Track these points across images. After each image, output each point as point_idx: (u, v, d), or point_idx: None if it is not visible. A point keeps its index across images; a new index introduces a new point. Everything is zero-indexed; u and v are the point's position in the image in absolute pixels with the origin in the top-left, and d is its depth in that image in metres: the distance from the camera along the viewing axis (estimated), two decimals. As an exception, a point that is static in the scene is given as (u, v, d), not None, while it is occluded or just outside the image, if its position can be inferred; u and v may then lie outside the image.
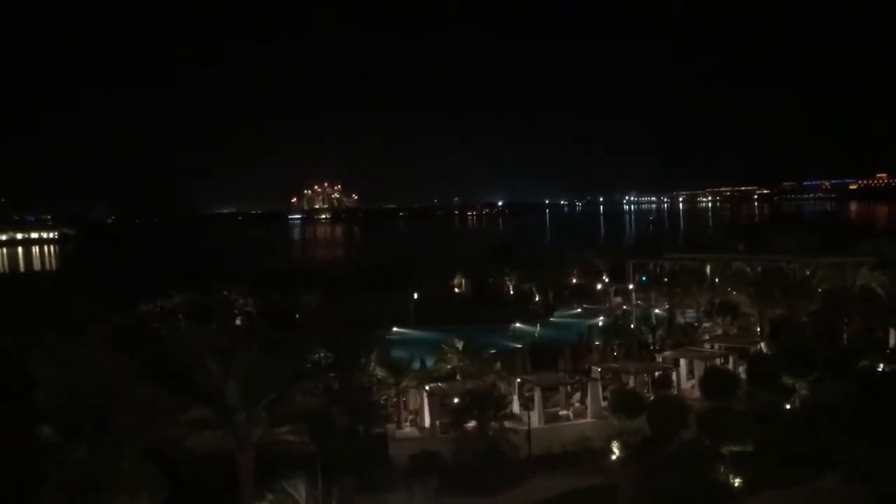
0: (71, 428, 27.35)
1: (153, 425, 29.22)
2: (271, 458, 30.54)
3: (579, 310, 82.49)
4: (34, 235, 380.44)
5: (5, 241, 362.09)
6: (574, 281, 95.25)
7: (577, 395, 46.94)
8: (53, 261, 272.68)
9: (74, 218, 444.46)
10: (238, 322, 69.74)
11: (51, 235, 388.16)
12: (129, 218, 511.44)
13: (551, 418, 44.13)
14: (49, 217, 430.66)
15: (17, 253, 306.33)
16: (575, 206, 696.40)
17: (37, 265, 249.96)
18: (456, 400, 42.50)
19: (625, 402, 42.69)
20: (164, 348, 38.78)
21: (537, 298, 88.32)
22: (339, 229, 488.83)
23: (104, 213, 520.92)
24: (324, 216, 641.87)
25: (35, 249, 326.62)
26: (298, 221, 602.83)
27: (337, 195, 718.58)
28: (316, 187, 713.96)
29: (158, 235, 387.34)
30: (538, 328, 72.25)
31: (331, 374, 43.81)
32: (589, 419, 44.05)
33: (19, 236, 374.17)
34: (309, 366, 44.17)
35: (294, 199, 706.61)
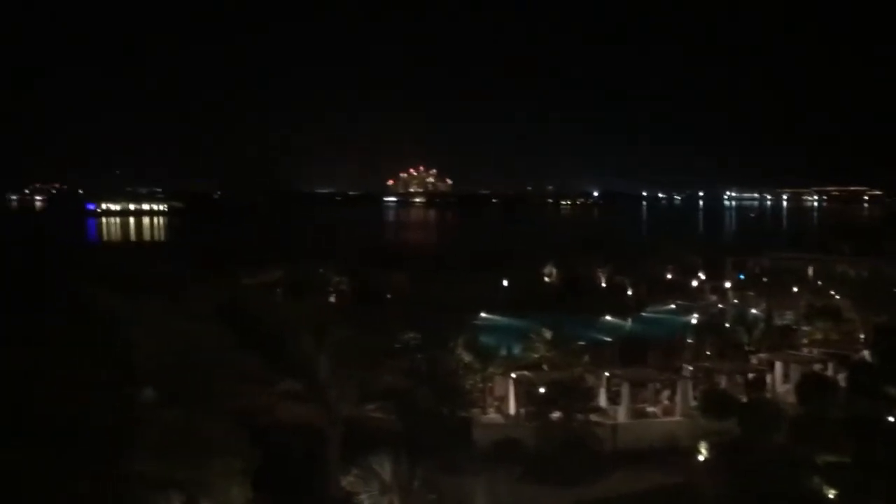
0: (169, 391, 28.67)
1: (247, 394, 30.34)
2: (359, 434, 31.27)
3: (673, 306, 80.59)
4: (145, 207, 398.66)
5: (119, 211, 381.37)
6: (669, 276, 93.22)
7: (667, 393, 46.09)
8: (162, 232, 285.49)
9: (183, 192, 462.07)
10: (332, 299, 71.30)
11: (161, 207, 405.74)
12: (234, 194, 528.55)
13: (638, 414, 43.53)
14: (160, 190, 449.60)
15: (128, 223, 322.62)
16: (673, 199, 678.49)
17: (146, 235, 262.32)
18: (542, 389, 42.33)
19: (715, 403, 41.69)
20: (261, 321, 40.03)
21: (630, 292, 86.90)
22: (431, 213, 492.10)
23: (211, 188, 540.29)
24: (418, 199, 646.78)
25: (146, 220, 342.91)
26: (393, 204, 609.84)
27: (432, 179, 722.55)
28: (412, 171, 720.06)
29: (261, 211, 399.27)
30: (629, 322, 71.11)
31: (418, 356, 44.36)
32: (677, 417, 43.26)
33: (132, 207, 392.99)
34: (397, 346, 44.83)
35: (390, 182, 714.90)
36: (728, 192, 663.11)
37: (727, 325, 62.39)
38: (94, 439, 26.91)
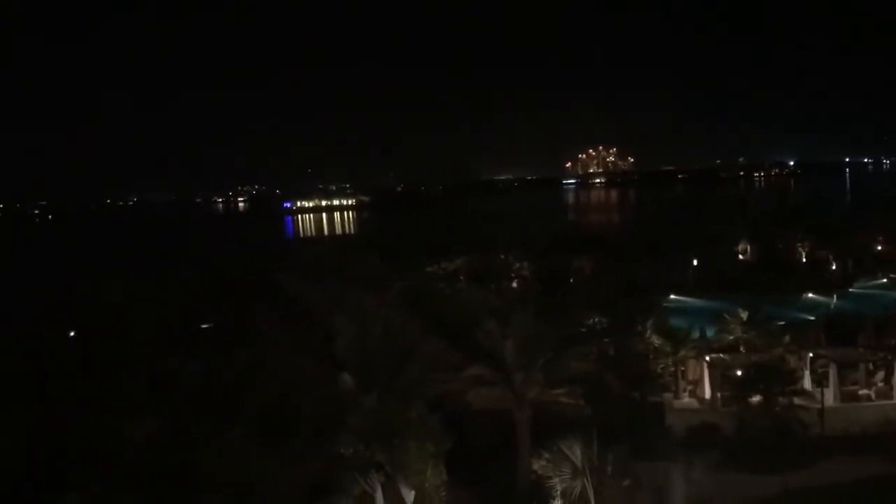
0: (365, 377, 29.99)
1: (437, 379, 31.16)
2: (547, 418, 31.26)
3: (885, 280, 74.07)
4: (336, 202, 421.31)
5: (311, 207, 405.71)
6: (878, 248, 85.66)
7: (881, 374, 42.47)
8: (352, 225, 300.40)
9: (369, 186, 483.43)
10: (514, 285, 71.76)
11: (350, 202, 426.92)
12: (416, 185, 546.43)
13: (849, 397, 40.44)
14: (348, 185, 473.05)
15: (321, 218, 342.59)
16: (882, 163, 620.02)
17: (338, 229, 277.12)
18: (739, 372, 40.48)
19: (941, 385, 37.87)
20: (447, 308, 40.98)
21: (834, 267, 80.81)
22: (613, 193, 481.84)
23: (395, 182, 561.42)
24: (598, 180, 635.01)
25: (336, 215, 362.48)
26: (573, 186, 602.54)
27: (612, 158, 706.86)
28: (591, 151, 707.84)
29: (443, 201, 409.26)
30: (835, 299, 66.07)
31: (605, 340, 43.67)
32: (895, 401, 39.69)
33: (323, 203, 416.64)
34: (583, 330, 44.36)
35: (568, 164, 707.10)
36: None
37: (952, 298, 56.49)
38: (304, 424, 28.68)
